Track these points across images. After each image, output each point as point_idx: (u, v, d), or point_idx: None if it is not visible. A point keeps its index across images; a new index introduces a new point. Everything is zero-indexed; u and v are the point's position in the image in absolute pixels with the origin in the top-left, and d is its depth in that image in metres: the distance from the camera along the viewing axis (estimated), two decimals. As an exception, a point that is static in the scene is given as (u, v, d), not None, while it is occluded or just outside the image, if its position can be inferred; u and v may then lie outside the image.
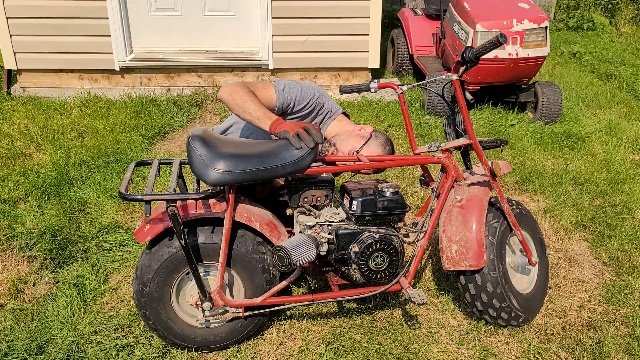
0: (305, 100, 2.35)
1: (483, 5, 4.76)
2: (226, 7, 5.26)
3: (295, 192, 2.21)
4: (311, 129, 1.97)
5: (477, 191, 2.31)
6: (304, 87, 2.36)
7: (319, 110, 2.42)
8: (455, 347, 2.30)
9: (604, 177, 3.81)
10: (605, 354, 2.27)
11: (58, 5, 4.95)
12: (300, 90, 2.34)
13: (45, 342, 2.27)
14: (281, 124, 2.02)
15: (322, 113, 2.44)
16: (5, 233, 2.99)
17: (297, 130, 1.97)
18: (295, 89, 2.33)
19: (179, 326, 2.17)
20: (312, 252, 2.04)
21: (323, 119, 2.45)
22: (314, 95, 2.37)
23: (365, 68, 5.41)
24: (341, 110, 2.51)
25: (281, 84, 2.32)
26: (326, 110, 2.44)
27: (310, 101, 2.36)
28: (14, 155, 3.89)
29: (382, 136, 2.41)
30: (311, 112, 2.39)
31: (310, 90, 2.37)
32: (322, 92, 2.44)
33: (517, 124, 4.69)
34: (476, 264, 2.21)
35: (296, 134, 1.96)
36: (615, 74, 6.31)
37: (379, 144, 2.36)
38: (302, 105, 2.35)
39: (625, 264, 2.89)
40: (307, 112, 2.38)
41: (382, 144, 2.37)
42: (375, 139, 2.38)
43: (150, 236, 2.01)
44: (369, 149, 2.34)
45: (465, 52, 2.03)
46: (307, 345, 2.28)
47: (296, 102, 2.32)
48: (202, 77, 5.33)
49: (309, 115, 2.40)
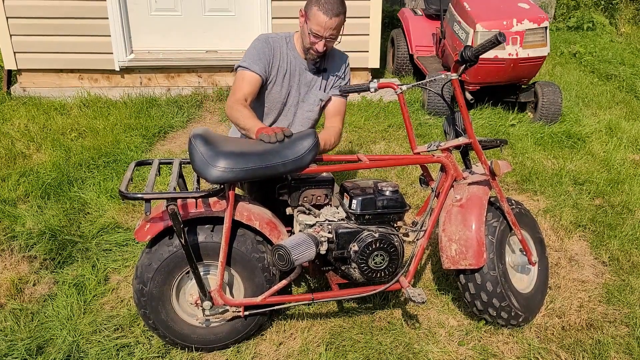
0: (264, 49, 2.46)
1: (483, 5, 4.76)
2: (226, 7, 5.26)
3: (295, 191, 2.21)
4: (285, 130, 2.08)
5: (477, 190, 2.31)
6: (252, 46, 2.49)
7: (280, 43, 2.51)
8: (455, 347, 2.30)
9: (604, 177, 3.81)
10: (605, 354, 2.26)
11: (58, 5, 4.95)
12: (253, 50, 2.47)
13: (45, 342, 2.27)
14: (261, 129, 2.15)
15: (283, 43, 2.52)
16: (5, 233, 2.99)
17: (273, 131, 2.08)
18: (250, 54, 2.47)
19: (179, 325, 2.17)
20: (311, 251, 2.04)
21: (286, 46, 2.53)
22: (263, 41, 2.49)
23: (365, 68, 5.41)
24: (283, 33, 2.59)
25: (244, 63, 2.46)
26: (282, 37, 2.54)
27: (266, 45, 2.47)
28: (14, 155, 3.89)
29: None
30: (276, 48, 2.49)
31: (257, 42, 2.50)
32: (266, 34, 2.55)
33: (517, 124, 4.69)
34: (476, 263, 2.21)
35: (274, 134, 2.07)
36: (615, 74, 6.31)
37: (316, 10, 2.32)
38: (268, 53, 2.46)
39: (625, 264, 2.89)
40: (278, 53, 2.49)
41: (315, 5, 2.33)
42: (309, 10, 2.35)
43: (150, 235, 2.01)
44: (315, 22, 2.34)
45: (464, 51, 2.03)
46: (307, 345, 2.28)
47: (262, 57, 2.45)
48: (202, 77, 5.33)
49: (282, 50, 2.51)
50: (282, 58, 2.52)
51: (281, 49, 2.51)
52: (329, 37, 2.38)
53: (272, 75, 2.51)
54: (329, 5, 2.31)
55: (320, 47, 2.40)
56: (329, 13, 2.31)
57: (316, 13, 2.31)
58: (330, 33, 2.36)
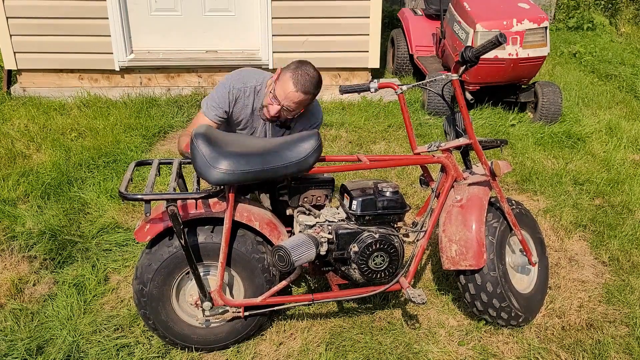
0: (224, 98, 2.39)
1: (483, 6, 4.76)
2: (226, 7, 5.25)
3: (296, 192, 2.21)
4: None
5: (477, 191, 2.31)
6: (216, 89, 2.42)
7: (246, 94, 2.42)
8: (455, 347, 2.30)
9: (604, 177, 3.81)
10: (605, 354, 2.26)
11: (58, 5, 4.95)
12: (215, 95, 2.41)
13: (45, 342, 2.27)
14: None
15: (250, 94, 2.42)
16: (5, 233, 2.99)
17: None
18: (212, 98, 2.41)
19: (179, 326, 2.17)
20: (312, 251, 2.04)
21: (254, 97, 2.43)
22: (227, 89, 2.40)
23: (365, 68, 5.41)
24: (269, 75, 2.45)
25: (203, 104, 2.42)
26: (251, 88, 2.42)
27: (229, 95, 2.39)
28: (14, 155, 3.89)
29: (293, 64, 2.28)
30: (239, 99, 2.42)
31: (222, 87, 2.41)
32: (238, 76, 2.42)
33: (517, 124, 4.69)
34: (476, 263, 2.21)
35: None
36: (615, 74, 6.31)
37: (288, 77, 2.24)
38: (227, 103, 2.40)
39: (625, 264, 2.89)
40: (240, 103, 2.42)
41: (291, 72, 2.25)
42: (284, 74, 2.27)
43: (150, 236, 2.01)
44: (281, 87, 2.26)
45: (465, 52, 2.03)
46: (307, 345, 2.28)
47: (221, 106, 2.40)
48: (202, 77, 5.33)
49: (245, 102, 2.42)
50: (244, 111, 2.44)
51: (245, 101, 2.43)
52: (286, 106, 2.27)
53: (232, 120, 2.46)
54: (304, 80, 2.23)
55: (273, 112, 2.30)
56: (298, 85, 2.22)
57: (287, 79, 2.24)
58: (289, 104, 2.26)
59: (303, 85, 2.23)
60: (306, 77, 2.23)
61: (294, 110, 2.31)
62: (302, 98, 2.26)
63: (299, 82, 2.22)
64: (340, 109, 4.96)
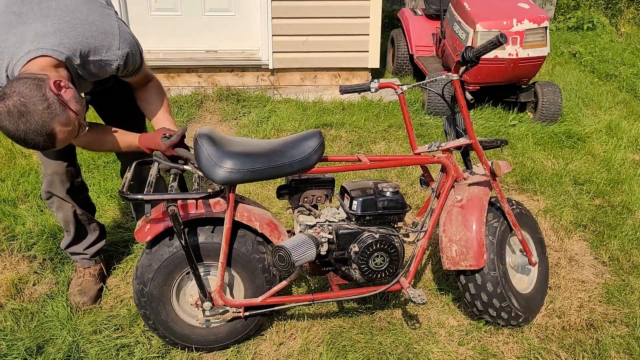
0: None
1: (483, 5, 4.76)
2: (226, 7, 5.25)
3: (296, 192, 2.21)
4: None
5: (477, 191, 2.31)
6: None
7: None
8: (455, 347, 2.30)
9: (604, 177, 3.81)
10: (605, 354, 2.27)
11: (58, 5, 4.94)
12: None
13: (45, 342, 2.27)
14: (144, 139, 2.09)
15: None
16: (5, 233, 2.99)
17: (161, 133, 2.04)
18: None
19: (179, 326, 2.17)
20: (312, 251, 2.04)
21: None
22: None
23: (365, 68, 5.41)
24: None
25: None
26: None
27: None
28: (14, 155, 3.89)
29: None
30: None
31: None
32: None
33: (517, 124, 4.69)
34: (476, 263, 2.21)
35: (164, 137, 2.03)
36: (615, 74, 6.31)
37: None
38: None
39: (625, 264, 2.89)
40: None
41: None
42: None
43: (150, 236, 2.01)
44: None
45: (465, 52, 2.03)
46: (307, 345, 2.28)
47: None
48: (202, 77, 5.33)
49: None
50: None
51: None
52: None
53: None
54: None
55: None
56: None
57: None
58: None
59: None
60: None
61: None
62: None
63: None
64: (341, 109, 4.96)
